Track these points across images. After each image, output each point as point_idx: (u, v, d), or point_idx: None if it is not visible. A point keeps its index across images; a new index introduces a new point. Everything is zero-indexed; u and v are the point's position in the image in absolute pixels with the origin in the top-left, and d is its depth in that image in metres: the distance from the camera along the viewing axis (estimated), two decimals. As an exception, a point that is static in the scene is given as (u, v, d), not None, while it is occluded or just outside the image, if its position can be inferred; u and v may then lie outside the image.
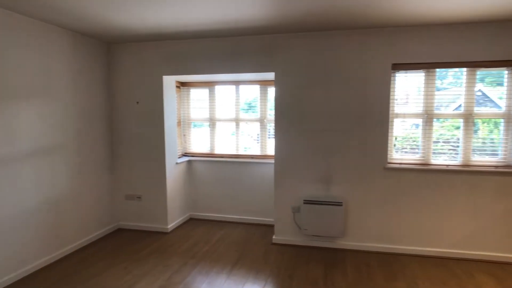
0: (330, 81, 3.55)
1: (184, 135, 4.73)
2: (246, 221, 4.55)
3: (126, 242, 3.87)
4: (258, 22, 3.22)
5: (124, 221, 4.37)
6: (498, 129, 3.29)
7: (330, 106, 3.58)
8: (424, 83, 3.38)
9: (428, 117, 3.39)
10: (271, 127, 4.41)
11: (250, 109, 4.54)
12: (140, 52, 4.07)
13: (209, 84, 4.54)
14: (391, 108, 3.46)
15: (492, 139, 3.32)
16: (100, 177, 4.06)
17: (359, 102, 3.50)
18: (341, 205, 3.54)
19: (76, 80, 3.63)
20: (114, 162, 4.29)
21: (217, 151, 4.66)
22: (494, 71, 3.24)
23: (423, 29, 3.28)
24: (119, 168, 4.29)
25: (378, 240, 3.60)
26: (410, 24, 3.24)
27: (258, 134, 4.54)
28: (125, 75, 4.15)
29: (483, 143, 3.33)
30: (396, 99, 3.48)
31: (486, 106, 3.31)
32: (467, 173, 3.31)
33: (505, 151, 3.28)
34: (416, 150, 3.49)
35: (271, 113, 4.39)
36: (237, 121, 4.52)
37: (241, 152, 4.57)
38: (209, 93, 4.57)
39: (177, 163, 4.37)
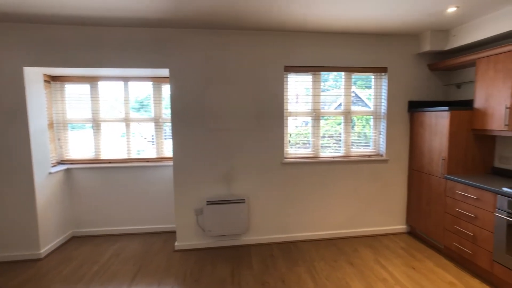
0: (230, 80, 3.56)
1: (59, 139, 3.93)
2: (145, 231, 4.12)
3: (-22, 281, 2.96)
4: (150, 14, 2.95)
5: (-28, 254, 3.33)
6: (369, 125, 3.95)
7: (230, 105, 3.58)
8: (312, 85, 3.75)
9: (316, 115, 3.78)
10: (167, 127, 4.12)
11: (142, 108, 4.13)
12: (-10, 33, 3.17)
13: (91, 79, 3.91)
14: (285, 107, 3.70)
15: (365, 133, 3.96)
16: None
17: (257, 101, 3.62)
18: (244, 202, 3.59)
19: None
20: (-48, 178, 3.22)
21: (104, 156, 4.06)
22: (363, 75, 3.86)
23: (310, 36, 3.63)
24: (-38, 184, 3.24)
25: (279, 231, 3.81)
26: (299, 30, 3.54)
27: (152, 135, 4.17)
28: (-33, 62, 3.16)
29: (359, 136, 3.94)
30: (289, 99, 3.75)
31: (358, 105, 3.91)
32: (348, 163, 3.85)
33: (374, 142, 3.96)
34: (307, 145, 3.84)
35: (166, 112, 4.10)
36: (127, 121, 4.04)
37: (134, 155, 4.11)
38: (91, 90, 3.94)
39: (50, 173, 3.60)
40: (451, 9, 2.87)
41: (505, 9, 2.83)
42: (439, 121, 3.34)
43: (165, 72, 3.66)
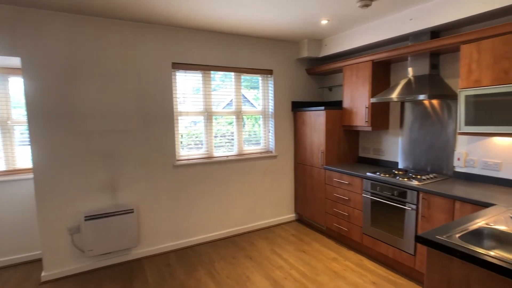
0: (108, 75, 3.08)
1: None
2: (-8, 267, 3.14)
3: None
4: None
5: None
6: (258, 124, 4.14)
7: (109, 103, 3.11)
8: (202, 84, 3.65)
9: (208, 114, 3.71)
10: (18, 130, 3.24)
11: (-26, 106, 3.11)
12: None
13: None
14: (175, 106, 3.48)
15: (255, 131, 4.13)
16: None
17: (143, 99, 3.27)
18: (133, 211, 3.20)
19: None
20: None
21: None
22: (250, 77, 4.01)
23: (199, 34, 3.53)
24: None
25: (174, 237, 3.57)
26: (187, 27, 3.39)
27: (-4, 141, 3.21)
28: None
29: (249, 135, 4.08)
30: (179, 98, 3.54)
31: (245, 105, 4.04)
32: (242, 161, 3.94)
33: (264, 140, 4.19)
34: (200, 146, 3.73)
35: (16, 112, 3.22)
36: (-46, 123, 2.98)
37: (-32, 168, 3.07)
38: None
39: None
40: (324, 21, 3.30)
41: (365, 26, 3.45)
42: (317, 119, 3.82)
43: (14, 61, 2.87)
